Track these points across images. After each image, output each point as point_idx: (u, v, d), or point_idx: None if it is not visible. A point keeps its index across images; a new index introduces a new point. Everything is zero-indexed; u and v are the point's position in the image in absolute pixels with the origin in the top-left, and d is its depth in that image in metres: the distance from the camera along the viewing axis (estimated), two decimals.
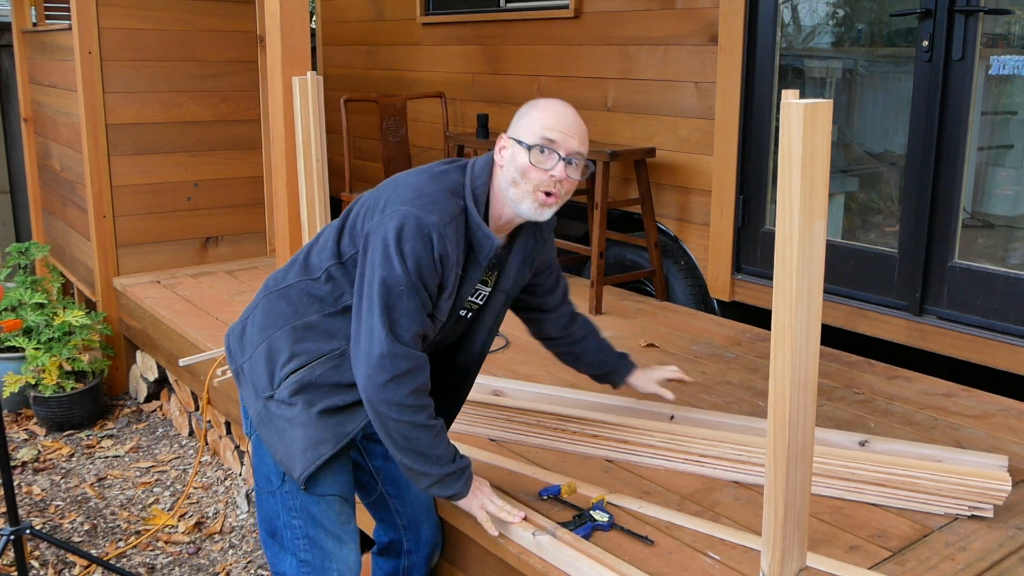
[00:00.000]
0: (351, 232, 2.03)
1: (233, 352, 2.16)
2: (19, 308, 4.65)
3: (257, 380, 2.08)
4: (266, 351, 2.06)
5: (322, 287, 2.05)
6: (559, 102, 2.05)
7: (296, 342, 2.04)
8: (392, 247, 1.89)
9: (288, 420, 2.03)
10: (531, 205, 2.00)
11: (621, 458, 2.58)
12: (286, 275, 2.12)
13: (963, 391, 3.13)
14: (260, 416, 2.06)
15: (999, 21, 3.23)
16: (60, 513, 3.74)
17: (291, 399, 2.03)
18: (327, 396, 2.03)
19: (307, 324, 2.04)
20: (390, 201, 1.95)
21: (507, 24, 5.13)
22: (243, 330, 2.15)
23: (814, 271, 1.63)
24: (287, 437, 2.03)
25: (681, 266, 4.30)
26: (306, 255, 2.11)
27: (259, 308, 2.13)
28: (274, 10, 3.09)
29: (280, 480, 2.09)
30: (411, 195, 1.94)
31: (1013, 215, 3.35)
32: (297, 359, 2.03)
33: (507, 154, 2.03)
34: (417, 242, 1.89)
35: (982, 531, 2.19)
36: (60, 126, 5.27)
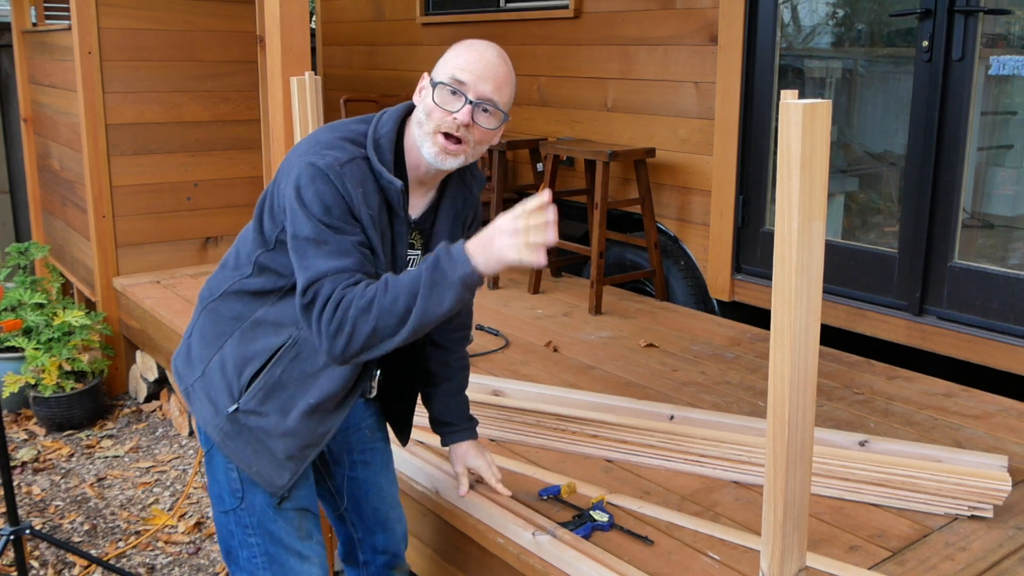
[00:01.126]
0: (270, 213, 1.89)
1: (181, 374, 2.03)
2: (19, 308, 4.65)
3: (215, 395, 1.93)
4: (219, 364, 1.93)
5: (256, 280, 1.92)
6: (485, 43, 1.90)
7: (247, 345, 1.91)
8: (295, 201, 1.76)
9: (264, 431, 1.91)
10: (431, 148, 1.83)
11: (621, 458, 2.58)
12: (218, 282, 1.99)
13: (963, 391, 3.13)
14: (226, 432, 1.92)
15: (999, 21, 3.23)
16: (60, 513, 3.74)
17: (261, 408, 1.90)
18: (299, 396, 1.90)
19: (254, 323, 1.92)
20: (288, 161, 1.83)
21: (507, 24, 5.13)
22: (188, 350, 2.02)
23: (813, 271, 1.63)
24: (264, 449, 1.91)
25: (681, 266, 4.30)
26: (234, 256, 1.98)
27: (199, 323, 2.01)
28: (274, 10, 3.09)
29: (236, 499, 1.97)
30: (304, 147, 1.83)
31: (1013, 215, 3.35)
32: (253, 363, 1.90)
33: (422, 93, 1.89)
34: (316, 185, 1.75)
35: (982, 531, 2.19)
36: (60, 126, 5.27)
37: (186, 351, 2.04)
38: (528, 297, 4.29)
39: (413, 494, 2.49)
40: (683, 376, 3.25)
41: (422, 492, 2.45)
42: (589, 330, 3.78)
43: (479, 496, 2.31)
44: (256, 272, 1.92)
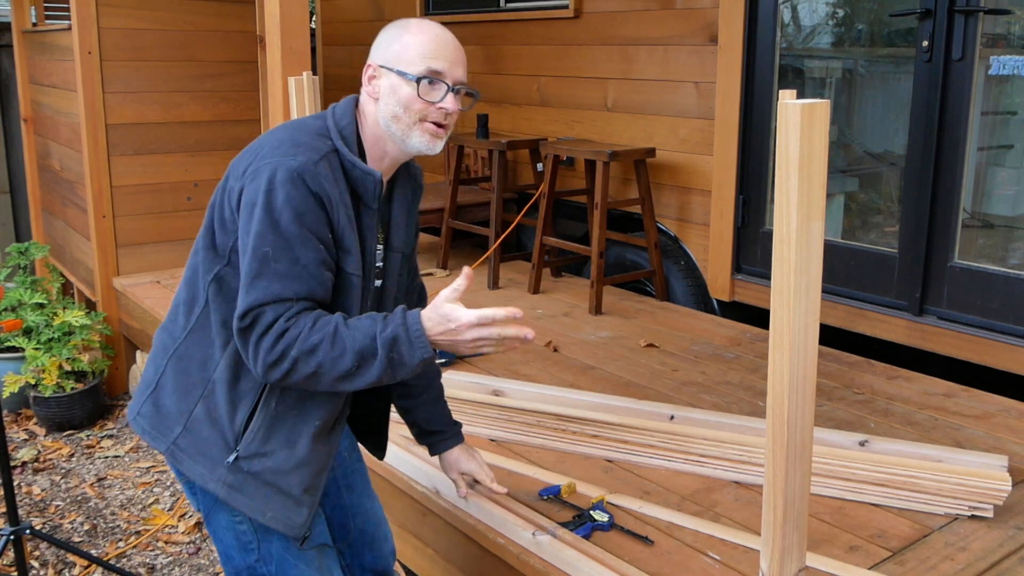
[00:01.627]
0: (221, 223, 1.76)
1: (155, 433, 1.82)
2: (19, 308, 4.65)
3: (208, 448, 1.76)
4: (204, 413, 1.77)
5: (217, 308, 1.76)
6: (434, 24, 1.85)
7: (230, 387, 1.75)
8: (262, 206, 1.64)
9: (273, 472, 1.76)
10: (422, 137, 1.80)
11: (621, 458, 2.58)
12: (178, 325, 1.82)
13: (963, 391, 3.13)
14: (230, 484, 1.76)
15: (999, 21, 3.23)
16: (60, 513, 3.74)
17: (264, 448, 1.76)
18: (301, 424, 1.79)
19: (230, 357, 1.75)
20: (250, 165, 1.71)
21: (507, 24, 5.13)
22: (156, 406, 1.82)
23: (812, 271, 1.63)
24: (276, 491, 1.77)
25: (681, 266, 4.30)
26: (188, 289, 1.83)
27: (168, 374, 1.82)
28: (274, 10, 3.09)
29: (249, 553, 1.83)
30: (268, 148, 1.72)
31: (1013, 215, 3.35)
32: (243, 404, 1.75)
33: (383, 86, 1.81)
34: (288, 188, 1.64)
35: (982, 531, 2.19)
36: (60, 126, 5.27)
37: (153, 408, 1.82)
38: (528, 297, 4.29)
39: (413, 494, 2.49)
40: (683, 376, 3.26)
41: (422, 492, 2.45)
42: (589, 330, 3.78)
43: (479, 496, 2.31)
44: (215, 295, 1.76)
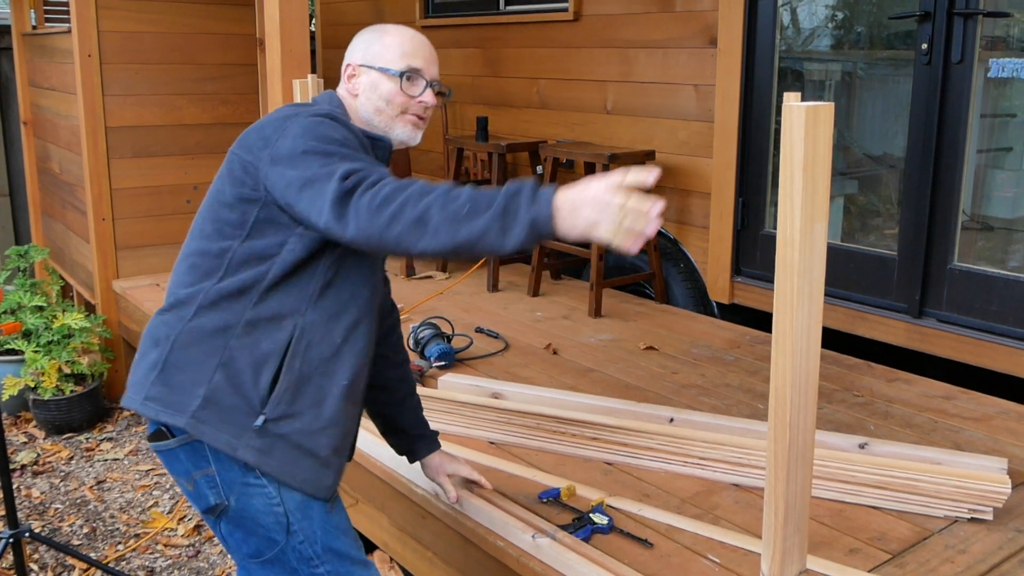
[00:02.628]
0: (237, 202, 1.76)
1: (171, 413, 1.74)
2: (18, 311, 4.65)
3: (232, 416, 1.73)
4: (224, 381, 1.73)
5: (233, 280, 1.75)
6: (409, 28, 1.97)
7: (250, 350, 1.73)
8: (299, 148, 1.67)
9: (302, 433, 1.75)
10: (404, 128, 1.92)
11: (621, 461, 2.58)
12: (185, 307, 1.78)
13: (963, 393, 3.13)
14: (260, 449, 1.72)
15: (998, 24, 3.23)
16: (59, 516, 3.73)
17: (292, 409, 1.74)
18: (328, 383, 1.77)
19: (248, 325, 1.74)
20: (266, 133, 1.74)
21: (506, 27, 5.14)
22: (166, 385, 1.75)
23: (815, 273, 1.63)
24: (303, 453, 1.76)
25: (680, 269, 4.30)
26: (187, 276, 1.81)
27: (176, 350, 1.76)
28: (273, 13, 3.09)
29: (285, 533, 1.77)
30: (279, 116, 1.78)
31: (1012, 217, 3.35)
32: (267, 365, 1.74)
33: (363, 82, 1.92)
34: (322, 128, 1.71)
35: (982, 534, 2.19)
36: (60, 129, 5.27)
37: (163, 387, 1.76)
38: (528, 300, 4.29)
39: (413, 497, 2.49)
40: (683, 379, 3.25)
41: (422, 495, 2.45)
42: (589, 333, 3.78)
43: (478, 499, 2.31)
44: (231, 271, 1.76)
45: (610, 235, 1.44)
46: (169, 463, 1.82)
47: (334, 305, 1.79)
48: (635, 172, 1.47)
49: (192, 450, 1.76)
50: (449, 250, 1.52)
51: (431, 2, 5.74)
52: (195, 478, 1.78)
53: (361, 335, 1.83)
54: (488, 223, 1.48)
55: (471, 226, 1.49)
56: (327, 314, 1.78)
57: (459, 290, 4.41)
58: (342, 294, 1.80)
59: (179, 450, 1.77)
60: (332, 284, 1.78)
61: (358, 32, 2.02)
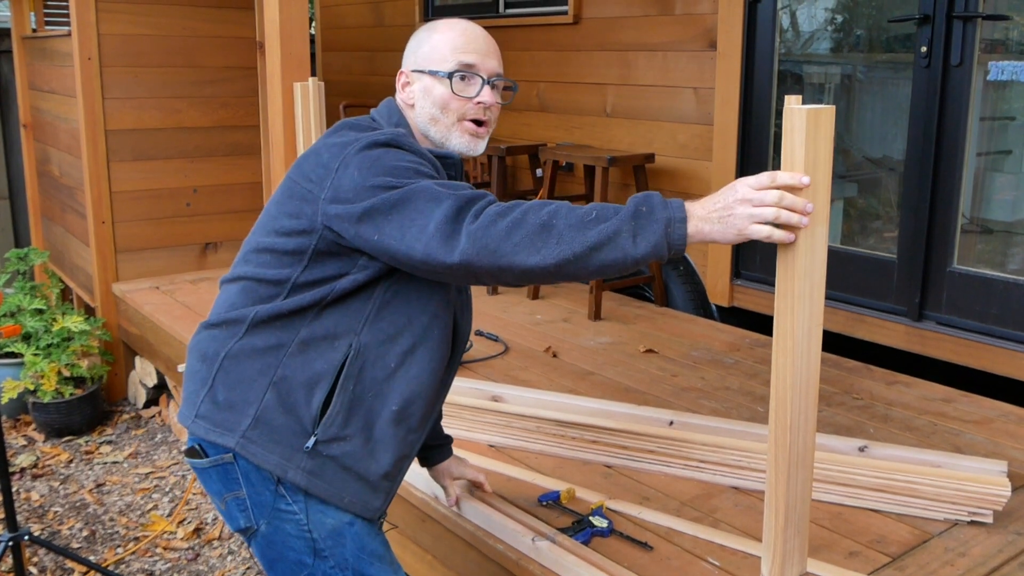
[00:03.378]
0: (294, 233, 1.69)
1: (220, 432, 1.70)
2: (18, 314, 4.65)
3: (284, 436, 1.68)
4: (276, 401, 1.68)
5: (292, 300, 1.69)
6: (462, 21, 1.81)
7: (304, 369, 1.68)
8: (366, 182, 1.58)
9: (351, 456, 1.70)
10: (462, 139, 1.78)
11: (620, 464, 2.58)
12: (236, 324, 1.73)
13: (962, 396, 3.13)
14: (310, 471, 1.68)
15: (997, 27, 3.24)
16: (59, 519, 3.73)
17: (344, 432, 1.69)
18: (379, 406, 1.71)
19: (301, 344, 1.69)
20: (327, 167, 1.65)
21: (506, 30, 5.14)
22: (215, 403, 1.71)
23: (816, 276, 1.63)
24: (353, 476, 1.71)
25: (680, 272, 4.31)
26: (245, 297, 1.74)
27: (225, 368, 1.72)
28: (273, 16, 3.10)
29: (314, 556, 1.72)
30: (344, 137, 1.69)
31: (1011, 220, 3.36)
32: (321, 385, 1.68)
33: (416, 90, 1.79)
34: (388, 158, 1.62)
35: (982, 537, 2.19)
36: (59, 132, 5.28)
37: (213, 406, 1.72)
38: (527, 303, 4.29)
39: (412, 500, 2.49)
40: (682, 382, 3.25)
41: (421, 498, 2.44)
42: (588, 336, 3.78)
43: (478, 502, 2.30)
44: (290, 295, 1.70)
45: (767, 232, 1.47)
46: (203, 480, 1.78)
47: (390, 327, 1.72)
48: (786, 174, 1.52)
49: (224, 472, 1.72)
50: (572, 259, 1.45)
51: (431, 5, 5.75)
52: (226, 499, 1.74)
53: (418, 361, 1.74)
54: (618, 226, 1.44)
55: (600, 230, 1.44)
56: (382, 336, 1.71)
57: None
58: (399, 318, 1.72)
59: (211, 470, 1.73)
60: (389, 306, 1.71)
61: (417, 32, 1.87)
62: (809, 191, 1.56)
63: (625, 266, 1.46)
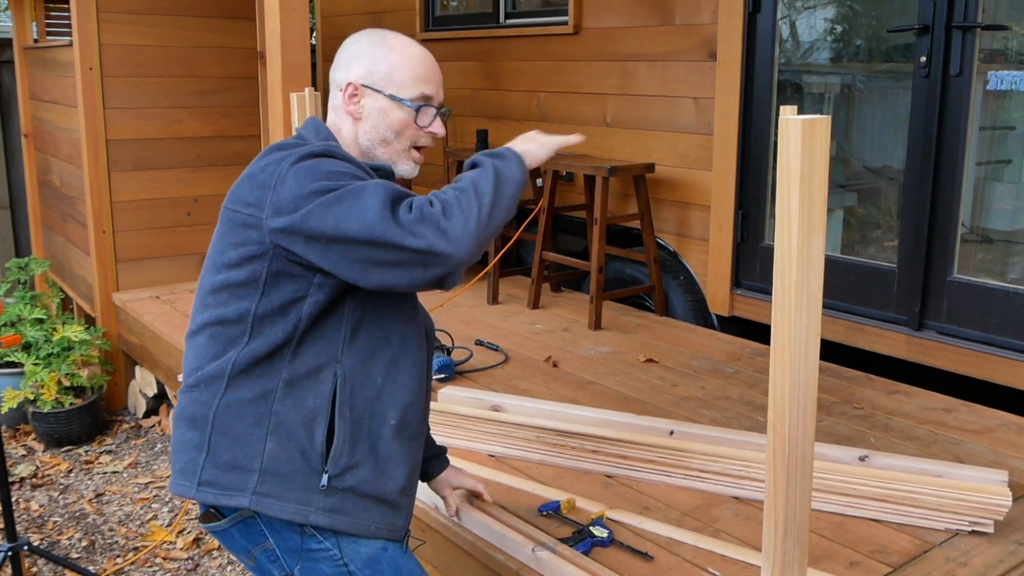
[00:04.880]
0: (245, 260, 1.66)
1: (230, 494, 1.65)
2: (18, 323, 4.65)
3: (294, 481, 1.64)
4: (279, 448, 1.65)
5: (262, 341, 1.66)
6: (412, 41, 1.82)
7: (296, 411, 1.66)
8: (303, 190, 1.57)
9: (367, 482, 1.68)
10: (407, 164, 1.82)
11: (621, 473, 2.57)
12: (214, 382, 1.68)
13: (963, 406, 3.13)
14: (330, 509, 1.66)
15: (996, 37, 3.25)
16: (58, 529, 3.73)
17: (353, 460, 1.67)
18: (378, 425, 1.71)
19: (287, 386, 1.66)
20: (265, 186, 1.63)
21: (506, 40, 5.15)
22: (217, 466, 1.66)
23: (813, 286, 1.63)
24: (371, 501, 1.70)
25: (680, 281, 4.31)
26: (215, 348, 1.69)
27: (218, 429, 1.67)
28: (274, 26, 3.10)
29: None
30: (272, 157, 1.67)
31: (1012, 230, 3.36)
32: (318, 422, 1.66)
33: (369, 107, 1.77)
34: (322, 166, 1.61)
35: (983, 546, 2.19)
36: (60, 142, 5.28)
37: (215, 469, 1.66)
38: (528, 312, 4.29)
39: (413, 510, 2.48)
40: (683, 391, 3.25)
41: (422, 508, 2.44)
42: (589, 345, 3.78)
43: (478, 512, 2.30)
44: (256, 333, 1.66)
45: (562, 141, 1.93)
46: (226, 543, 1.74)
47: (369, 345, 1.71)
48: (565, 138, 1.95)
49: (246, 527, 1.69)
50: (512, 206, 1.67)
51: (431, 16, 5.76)
52: (254, 554, 1.70)
53: (403, 370, 1.75)
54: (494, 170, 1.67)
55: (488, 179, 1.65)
56: (363, 356, 1.70)
57: (459, 303, 4.41)
58: (375, 334, 1.72)
59: (232, 529, 1.70)
60: (361, 325, 1.70)
61: (351, 38, 1.83)
62: (806, 201, 1.56)
63: (517, 190, 1.70)
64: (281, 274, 1.65)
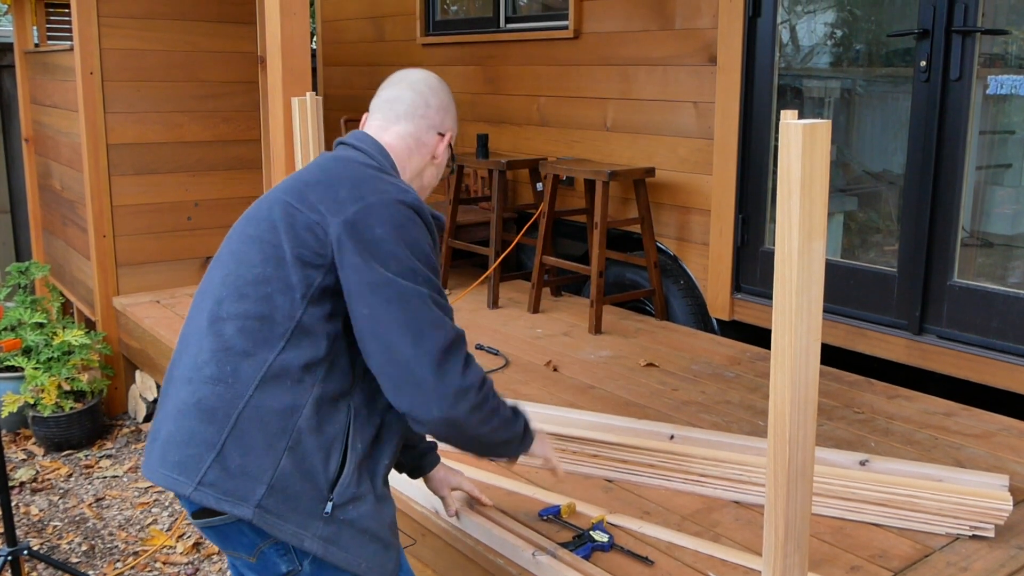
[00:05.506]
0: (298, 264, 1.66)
1: (232, 502, 1.61)
2: (19, 328, 4.65)
3: (301, 503, 1.63)
4: (293, 467, 1.62)
5: (297, 353, 1.65)
6: None
7: (319, 434, 1.65)
8: (394, 243, 1.64)
9: (366, 516, 1.70)
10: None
11: (621, 478, 2.57)
12: (242, 377, 1.64)
13: (963, 410, 3.13)
14: (326, 539, 1.65)
15: (996, 41, 3.25)
16: (58, 534, 3.72)
17: (358, 491, 1.68)
18: (376, 463, 1.74)
19: (315, 405, 1.65)
20: (342, 203, 1.67)
21: (507, 45, 5.16)
22: (226, 470, 1.61)
23: (813, 291, 1.63)
24: (369, 538, 1.70)
25: (681, 285, 4.31)
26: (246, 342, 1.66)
27: (238, 431, 1.62)
28: (275, 31, 3.11)
29: None
30: (356, 172, 1.75)
31: (1012, 234, 3.36)
32: (335, 449, 1.66)
33: (443, 153, 1.96)
34: (415, 229, 1.69)
35: (984, 551, 2.19)
36: (61, 146, 5.29)
37: (223, 472, 1.61)
38: (528, 316, 4.29)
39: (412, 514, 2.48)
40: (683, 395, 3.25)
41: (421, 512, 2.44)
42: (589, 349, 3.78)
43: (478, 516, 2.30)
44: (293, 341, 1.64)
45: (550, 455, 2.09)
46: (224, 539, 1.70)
47: (374, 384, 1.72)
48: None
49: (237, 529, 1.67)
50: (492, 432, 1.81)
51: (432, 20, 5.77)
52: (262, 548, 1.67)
53: (396, 412, 1.77)
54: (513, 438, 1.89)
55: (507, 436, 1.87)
56: (369, 395, 1.74)
57: (459, 307, 4.41)
58: None
59: (237, 523, 1.65)
60: None
61: (442, 85, 1.97)
62: (806, 206, 1.56)
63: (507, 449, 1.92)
64: (328, 289, 1.67)
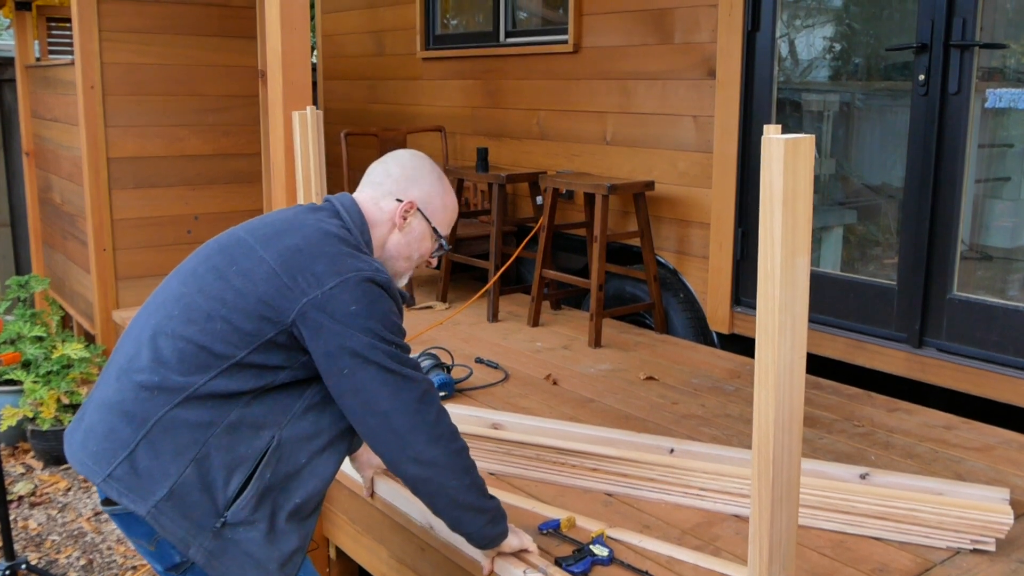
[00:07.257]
0: (256, 317, 1.74)
1: (132, 498, 1.71)
2: (18, 341, 4.65)
3: (194, 512, 1.71)
4: (195, 477, 1.70)
5: (228, 381, 1.73)
6: (452, 191, 2.08)
7: (227, 452, 1.72)
8: (363, 315, 1.74)
9: (253, 543, 1.75)
10: (406, 278, 2.06)
11: (621, 492, 2.57)
12: (171, 386, 1.73)
13: (963, 423, 3.12)
14: (211, 551, 1.72)
15: (994, 55, 3.26)
16: (56, 548, 3.71)
17: (252, 516, 1.74)
18: (282, 499, 1.79)
19: (229, 427, 1.73)
20: (319, 277, 1.75)
21: (506, 59, 5.17)
22: (133, 468, 1.71)
23: (798, 308, 1.61)
24: (253, 563, 1.75)
25: (680, 299, 4.31)
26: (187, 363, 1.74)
27: (153, 435, 1.71)
28: (275, 45, 3.12)
29: None
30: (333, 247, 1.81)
31: (1011, 247, 3.36)
32: (240, 470, 1.73)
33: (414, 227, 1.99)
34: (383, 304, 1.78)
35: (984, 565, 2.18)
36: (61, 160, 5.30)
37: (130, 470, 1.71)
38: (527, 330, 4.29)
39: (412, 528, 2.48)
40: (683, 409, 3.25)
41: (420, 527, 2.43)
42: (589, 363, 3.78)
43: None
44: (224, 374, 1.73)
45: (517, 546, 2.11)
46: (127, 526, 1.81)
47: (311, 428, 1.82)
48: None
49: (136, 520, 1.76)
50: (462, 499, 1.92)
51: (432, 35, 5.79)
52: (159, 539, 1.77)
53: (325, 461, 1.85)
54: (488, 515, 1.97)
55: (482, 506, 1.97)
56: (302, 435, 1.81)
57: (459, 320, 4.41)
58: (321, 420, 1.83)
59: (127, 516, 1.77)
60: (315, 408, 1.82)
61: (414, 158, 2.04)
62: (789, 221, 1.55)
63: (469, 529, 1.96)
64: (278, 345, 1.75)
